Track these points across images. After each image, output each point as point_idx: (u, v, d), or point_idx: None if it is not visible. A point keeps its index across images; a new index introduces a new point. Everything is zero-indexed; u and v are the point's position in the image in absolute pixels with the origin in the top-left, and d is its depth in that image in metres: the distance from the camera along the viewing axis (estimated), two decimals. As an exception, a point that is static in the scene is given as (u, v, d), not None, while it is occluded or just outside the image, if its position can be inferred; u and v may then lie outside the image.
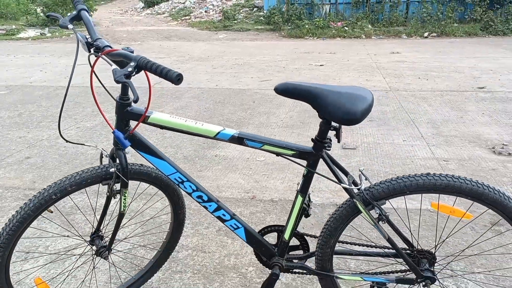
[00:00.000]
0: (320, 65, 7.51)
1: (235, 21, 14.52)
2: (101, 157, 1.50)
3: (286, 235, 1.51)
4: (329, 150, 1.35)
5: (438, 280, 1.47)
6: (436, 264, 1.47)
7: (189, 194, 1.49)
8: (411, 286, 1.51)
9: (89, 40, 1.31)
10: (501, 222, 2.34)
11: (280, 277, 1.98)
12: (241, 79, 6.36)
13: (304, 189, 1.42)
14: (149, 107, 1.29)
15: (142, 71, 1.16)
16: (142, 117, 1.32)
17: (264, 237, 1.59)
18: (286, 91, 1.28)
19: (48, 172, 3.20)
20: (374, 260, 2.00)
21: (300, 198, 1.43)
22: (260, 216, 2.55)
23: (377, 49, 9.45)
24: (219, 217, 1.52)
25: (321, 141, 1.33)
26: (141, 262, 2.10)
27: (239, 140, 1.37)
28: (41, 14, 15.04)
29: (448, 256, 2.02)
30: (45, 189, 1.40)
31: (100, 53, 1.23)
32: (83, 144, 1.67)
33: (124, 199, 1.50)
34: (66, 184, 1.41)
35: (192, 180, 1.48)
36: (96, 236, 1.63)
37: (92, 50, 1.29)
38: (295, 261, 1.58)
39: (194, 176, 3.08)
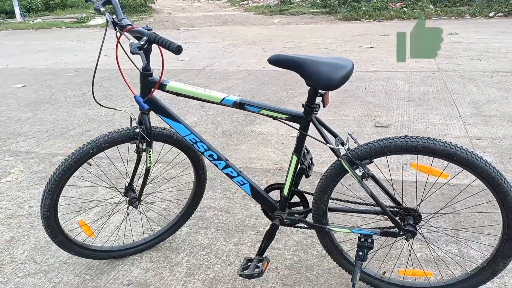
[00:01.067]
0: (371, 47, 7.47)
1: (291, 5, 14.57)
2: (131, 120, 1.78)
3: (285, 191, 1.71)
4: (316, 113, 1.53)
5: (421, 234, 1.61)
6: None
7: (202, 153, 1.73)
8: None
9: (115, 20, 1.59)
10: None
11: (293, 236, 2.22)
12: (288, 62, 6.51)
13: (298, 149, 1.61)
14: (162, 75, 1.54)
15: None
16: (157, 84, 1.58)
17: (269, 194, 1.80)
18: (277, 61, 1.46)
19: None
20: (370, 217, 2.16)
21: (294, 157, 1.62)
22: (285, 185, 2.75)
23: (434, 30, 9.15)
24: (227, 174, 1.75)
25: (309, 106, 1.51)
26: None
27: (240, 105, 1.58)
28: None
29: (431, 214, 2.13)
30: (84, 145, 1.71)
31: (123, 30, 1.50)
32: (115, 109, 1.97)
33: (149, 156, 1.77)
34: (101, 141, 1.71)
35: (205, 141, 1.72)
36: (129, 189, 1.93)
37: (117, 28, 1.57)
38: (296, 215, 1.78)
39: (230, 149, 3.35)
